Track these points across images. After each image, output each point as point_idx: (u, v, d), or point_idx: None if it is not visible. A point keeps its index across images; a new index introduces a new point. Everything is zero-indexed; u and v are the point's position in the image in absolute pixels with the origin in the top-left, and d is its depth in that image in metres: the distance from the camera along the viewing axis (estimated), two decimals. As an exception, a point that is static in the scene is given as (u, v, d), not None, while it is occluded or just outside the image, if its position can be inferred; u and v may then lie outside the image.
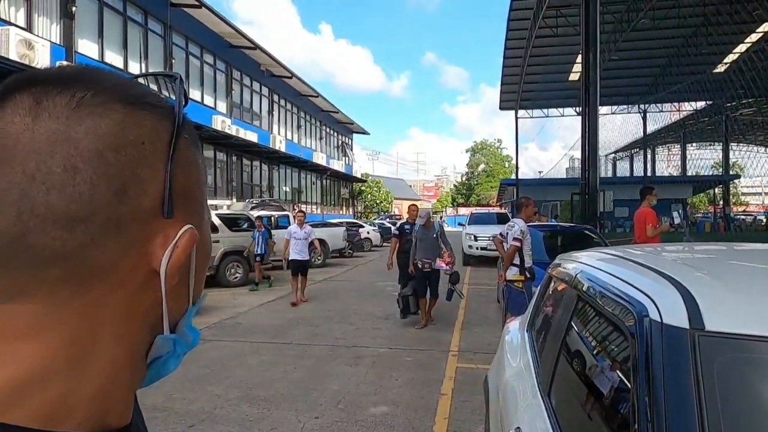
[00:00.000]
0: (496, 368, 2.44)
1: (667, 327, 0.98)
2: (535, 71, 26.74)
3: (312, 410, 4.06)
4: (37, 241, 0.33)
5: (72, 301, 0.35)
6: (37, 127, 0.34)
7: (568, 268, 1.95)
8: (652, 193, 7.26)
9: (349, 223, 21.63)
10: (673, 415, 0.85)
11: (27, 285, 0.34)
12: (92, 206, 0.34)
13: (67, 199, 0.33)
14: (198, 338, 0.47)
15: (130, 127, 0.36)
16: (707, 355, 0.90)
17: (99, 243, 0.35)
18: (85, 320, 0.36)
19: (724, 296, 1.06)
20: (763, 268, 1.36)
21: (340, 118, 36.78)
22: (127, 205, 0.36)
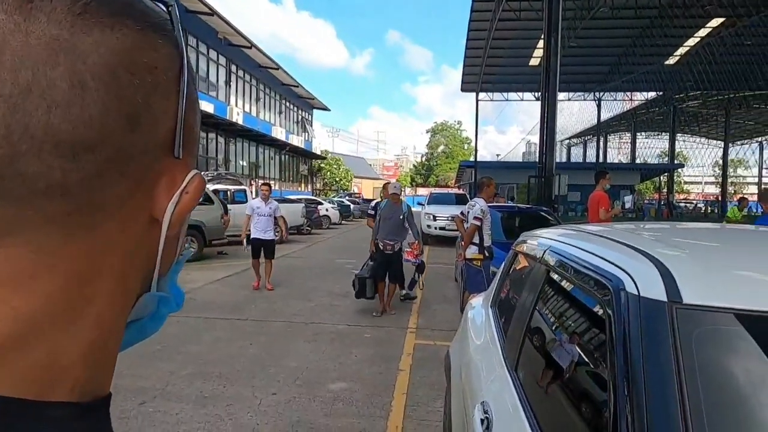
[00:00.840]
0: (459, 344, 2.45)
1: (645, 300, 0.98)
2: (498, 54, 26.94)
3: (269, 386, 4.00)
4: (29, 168, 0.27)
5: (66, 245, 0.29)
6: (32, 29, 0.27)
7: (534, 245, 1.96)
8: (605, 177, 7.49)
9: (308, 200, 21.38)
10: (653, 386, 0.85)
11: (13, 223, 0.28)
12: (103, 132, 0.28)
13: (73, 122, 0.27)
14: (183, 299, 0.42)
15: (144, 49, 0.31)
16: (685, 327, 0.89)
17: (105, 177, 0.29)
18: (80, 269, 0.30)
19: (698, 270, 1.07)
20: (727, 243, 1.39)
21: (300, 93, 36.02)
22: (139, 136, 0.30)
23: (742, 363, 0.86)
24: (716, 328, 0.91)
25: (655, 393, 0.84)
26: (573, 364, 1.21)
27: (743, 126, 41.50)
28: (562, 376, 1.23)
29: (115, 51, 0.29)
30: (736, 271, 1.09)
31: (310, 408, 3.67)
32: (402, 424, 3.45)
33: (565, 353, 1.26)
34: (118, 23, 0.29)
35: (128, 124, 0.29)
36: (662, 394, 0.83)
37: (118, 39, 0.29)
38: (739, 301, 0.93)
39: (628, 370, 0.90)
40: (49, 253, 0.29)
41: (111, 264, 0.32)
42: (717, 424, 0.78)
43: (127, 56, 0.29)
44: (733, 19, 21.40)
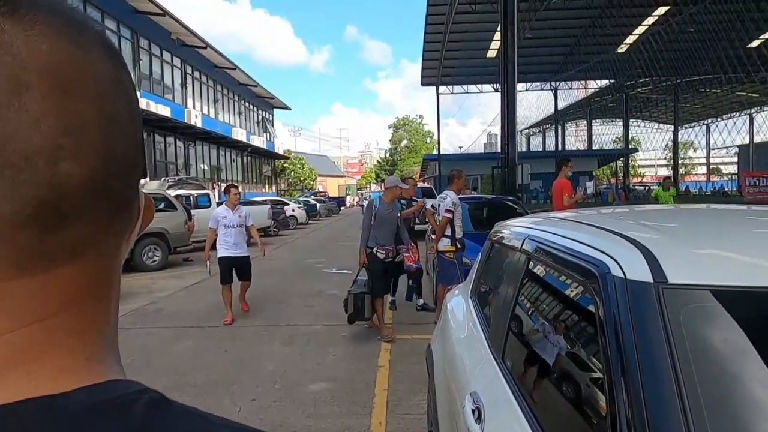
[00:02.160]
0: (440, 337, 2.46)
1: (631, 282, 1.00)
2: (456, 47, 27.22)
3: (248, 393, 3.93)
4: (115, 186, 0.31)
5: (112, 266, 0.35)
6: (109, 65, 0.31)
7: (511, 234, 1.98)
8: (568, 165, 7.68)
9: (274, 201, 21.10)
10: (647, 365, 0.87)
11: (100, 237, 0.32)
12: (138, 152, 0.33)
13: (132, 143, 0.32)
14: None
15: (125, 76, 0.34)
16: (673, 307, 0.92)
17: (137, 193, 0.35)
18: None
19: (679, 251, 1.10)
20: (702, 222, 1.44)
21: (259, 92, 35.44)
22: (141, 156, 0.35)
23: (730, 337, 0.89)
24: (703, 306, 0.94)
25: (649, 372, 0.86)
26: (560, 349, 1.24)
27: (691, 109, 43.36)
28: (550, 361, 1.25)
29: (126, 81, 0.33)
30: (716, 249, 1.13)
31: (291, 411, 3.62)
32: (386, 419, 3.45)
33: (552, 339, 1.28)
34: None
35: (139, 145, 0.34)
36: (657, 373, 0.85)
37: (127, 76, 0.33)
38: (723, 278, 0.97)
39: (621, 351, 0.92)
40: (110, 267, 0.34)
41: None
42: (712, 398, 0.80)
43: (115, 71, 0.32)
44: (678, 7, 22.28)
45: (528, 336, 1.47)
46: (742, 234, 1.29)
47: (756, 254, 1.10)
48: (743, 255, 1.08)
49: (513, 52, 14.03)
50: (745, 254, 1.10)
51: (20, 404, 0.27)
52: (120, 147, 0.31)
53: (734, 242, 1.18)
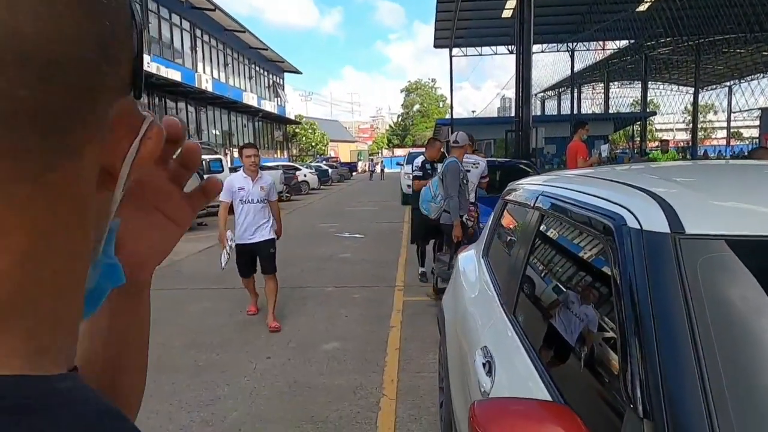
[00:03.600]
0: (453, 296, 2.48)
1: (648, 233, 0.98)
2: (469, 8, 26.37)
3: (263, 351, 4.03)
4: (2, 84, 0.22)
5: (22, 189, 0.24)
6: None
7: (525, 192, 1.96)
8: (584, 128, 7.52)
9: (285, 167, 21.11)
10: (662, 319, 0.86)
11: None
12: (72, 50, 0.24)
13: (40, 31, 0.22)
14: (119, 273, 0.35)
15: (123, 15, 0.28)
16: (689, 257, 0.90)
17: (74, 105, 0.25)
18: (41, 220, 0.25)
19: (698, 202, 1.07)
20: (721, 176, 1.40)
21: (270, 56, 34.94)
22: (106, 63, 0.26)
23: (747, 288, 0.88)
24: (720, 255, 0.92)
25: (664, 325, 0.85)
26: (573, 304, 1.23)
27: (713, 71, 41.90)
28: (562, 313, 1.25)
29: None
30: (734, 200, 1.10)
31: (305, 369, 3.72)
32: (397, 377, 3.53)
33: (565, 295, 1.28)
34: None
35: (98, 46, 0.25)
36: (672, 326, 0.84)
37: None
38: (741, 228, 0.95)
39: (635, 304, 0.91)
40: (11, 199, 0.24)
41: (72, 218, 0.27)
42: (727, 347, 0.79)
43: None
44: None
45: (540, 292, 1.47)
46: (761, 186, 1.26)
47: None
48: (762, 206, 1.05)
49: (529, 11, 13.58)
50: (764, 205, 1.07)
51: None
52: (8, 22, 0.21)
53: (753, 194, 1.15)
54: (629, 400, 0.82)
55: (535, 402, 0.90)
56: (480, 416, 0.84)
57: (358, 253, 8.24)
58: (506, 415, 0.84)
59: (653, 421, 0.76)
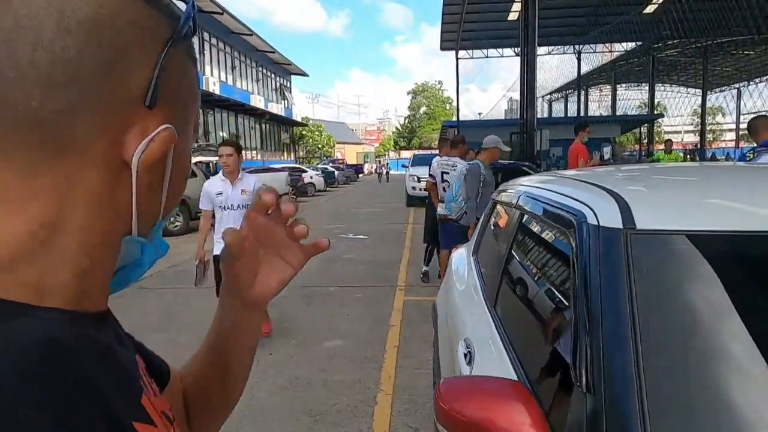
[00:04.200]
0: (444, 293, 2.57)
1: (603, 229, 1.07)
2: (475, 10, 26.44)
3: (265, 348, 4.13)
4: (13, 96, 0.32)
5: (45, 172, 0.33)
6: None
7: (510, 192, 2.05)
8: (585, 130, 7.59)
9: (292, 168, 21.28)
10: (608, 306, 0.95)
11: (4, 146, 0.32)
12: (77, 71, 0.33)
13: (53, 59, 0.32)
14: (166, 249, 0.46)
15: (133, 10, 0.36)
16: (638, 250, 0.99)
17: (76, 112, 0.33)
18: (56, 195, 0.34)
19: (652, 199, 1.16)
20: (684, 178, 1.49)
21: (277, 59, 35.20)
22: (111, 80, 0.34)
23: (689, 279, 0.97)
24: (666, 248, 1.01)
25: (609, 311, 0.94)
26: (543, 295, 1.32)
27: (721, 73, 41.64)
28: (533, 305, 1.34)
29: (104, 6, 0.34)
30: (687, 198, 1.19)
31: (306, 365, 3.82)
32: (395, 373, 3.62)
33: (537, 286, 1.37)
34: None
35: (103, 68, 0.34)
36: (615, 312, 0.93)
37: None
38: (687, 224, 1.04)
39: (588, 292, 1.00)
40: (27, 177, 0.33)
41: (86, 195, 0.35)
42: (662, 333, 0.89)
43: (115, 11, 0.34)
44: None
45: (516, 284, 1.56)
46: (718, 185, 1.34)
47: (730, 201, 1.16)
48: (717, 202, 1.14)
49: (534, 14, 13.65)
50: (719, 201, 1.16)
51: None
52: (28, 57, 0.31)
53: (708, 192, 1.24)
54: (577, 379, 0.91)
55: (493, 379, 0.99)
56: (444, 393, 0.93)
57: (362, 254, 8.35)
58: (467, 391, 0.93)
59: (594, 395, 0.86)
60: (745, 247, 1.01)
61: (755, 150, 3.90)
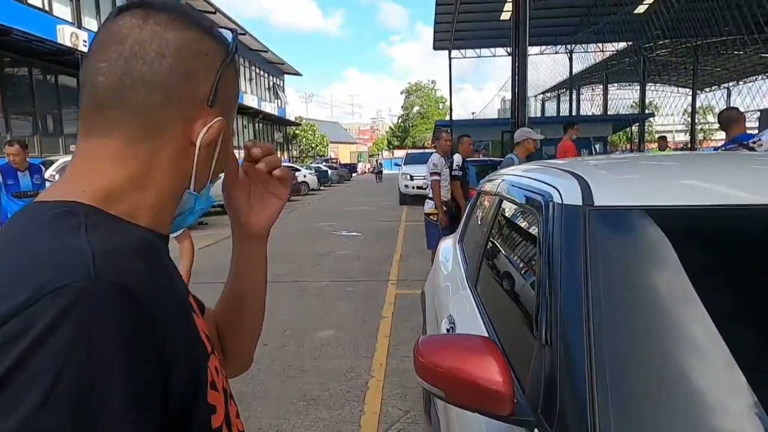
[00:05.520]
0: (431, 279, 2.70)
1: (566, 206, 1.20)
2: (468, 10, 26.60)
3: (260, 338, 4.23)
4: (129, 95, 0.52)
5: (143, 142, 0.53)
6: (145, 26, 0.53)
7: (493, 181, 2.18)
8: (574, 128, 7.74)
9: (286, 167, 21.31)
10: (566, 273, 1.07)
11: (118, 125, 0.53)
12: (167, 81, 0.53)
13: (153, 72, 0.52)
14: (212, 203, 0.65)
15: (202, 42, 0.56)
16: (595, 225, 1.12)
17: (165, 106, 0.53)
18: (149, 158, 0.54)
19: (612, 179, 1.29)
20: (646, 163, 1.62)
21: (270, 58, 35.20)
22: (187, 88, 0.54)
23: (641, 249, 1.09)
24: (619, 222, 1.13)
25: (566, 277, 1.06)
26: (517, 268, 1.45)
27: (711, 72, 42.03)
28: (507, 278, 1.46)
29: (185, 40, 0.54)
30: (642, 178, 1.32)
31: (300, 353, 3.93)
32: (386, 361, 3.74)
33: (511, 261, 1.49)
34: (191, 27, 0.56)
35: (182, 79, 0.54)
36: (571, 278, 1.05)
37: (188, 35, 0.55)
38: (638, 200, 1.16)
39: (550, 260, 1.13)
40: (133, 145, 0.53)
41: (166, 160, 0.55)
42: (612, 293, 1.01)
43: (190, 44, 0.55)
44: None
45: (493, 262, 1.68)
46: (680, 167, 1.47)
47: (682, 180, 1.29)
48: (670, 181, 1.27)
49: (525, 14, 13.76)
50: (672, 180, 1.29)
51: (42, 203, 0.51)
52: (138, 70, 0.52)
53: (667, 172, 1.37)
54: (537, 334, 1.03)
55: (466, 336, 1.11)
56: (422, 348, 1.05)
57: (355, 250, 8.46)
58: (443, 346, 1.05)
59: (551, 347, 0.98)
60: (690, 219, 1.13)
61: (727, 147, 4.04)
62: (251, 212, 0.74)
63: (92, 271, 0.42)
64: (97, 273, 0.42)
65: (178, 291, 0.54)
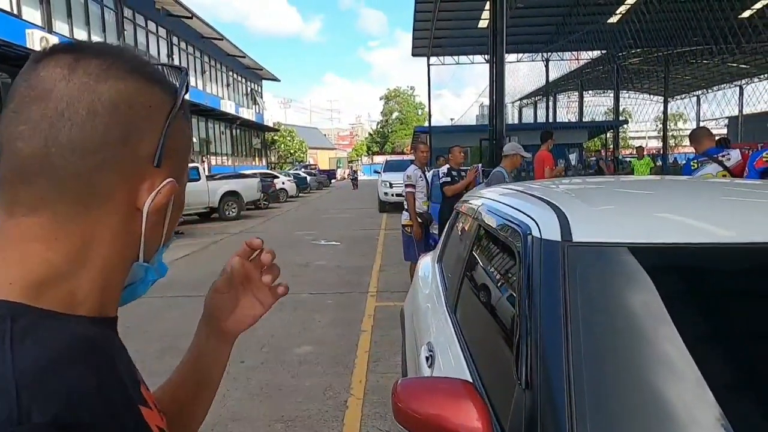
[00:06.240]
0: (411, 299, 2.67)
1: (545, 241, 1.18)
2: (447, 17, 26.85)
3: (236, 355, 4.15)
4: (58, 163, 0.43)
5: (78, 217, 0.45)
6: (73, 78, 0.44)
7: (472, 204, 2.16)
8: (551, 138, 7.86)
9: (264, 174, 21.13)
10: (546, 313, 1.05)
11: (46, 199, 0.44)
12: (102, 143, 0.44)
13: (84, 135, 0.44)
14: (166, 271, 0.58)
15: (143, 93, 0.47)
16: (573, 261, 1.10)
17: (102, 173, 0.45)
18: (87, 234, 0.46)
19: (589, 214, 1.28)
20: (629, 192, 1.63)
21: (248, 64, 34.91)
22: (128, 148, 0.46)
23: (619, 286, 1.08)
24: (599, 260, 1.12)
25: (546, 317, 1.04)
26: (497, 301, 1.43)
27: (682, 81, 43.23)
28: (488, 311, 1.45)
29: (122, 92, 0.46)
30: (620, 213, 1.31)
31: (277, 371, 3.86)
32: (365, 377, 3.70)
33: (491, 292, 1.48)
34: (129, 76, 0.47)
35: (120, 139, 0.45)
36: (551, 318, 1.03)
37: (125, 86, 0.46)
38: (620, 237, 1.16)
39: (530, 297, 1.11)
40: (67, 221, 0.45)
41: (109, 233, 0.47)
42: (593, 334, 1.00)
43: (129, 97, 0.46)
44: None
45: (473, 291, 1.66)
46: (658, 199, 1.48)
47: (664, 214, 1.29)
48: (649, 217, 1.27)
49: (502, 22, 13.94)
50: (651, 216, 1.29)
51: None
52: (67, 134, 0.43)
53: (648, 204, 1.37)
54: (518, 377, 1.01)
55: (446, 379, 1.09)
56: (400, 392, 1.02)
57: (334, 260, 8.40)
58: (421, 391, 1.02)
59: (532, 391, 0.96)
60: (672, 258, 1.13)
61: (698, 160, 4.16)
62: (232, 315, 0.68)
63: (15, 413, 0.35)
64: (23, 413, 0.35)
65: (129, 398, 0.46)
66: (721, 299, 1.09)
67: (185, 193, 0.58)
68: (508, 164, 5.45)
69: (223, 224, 14.15)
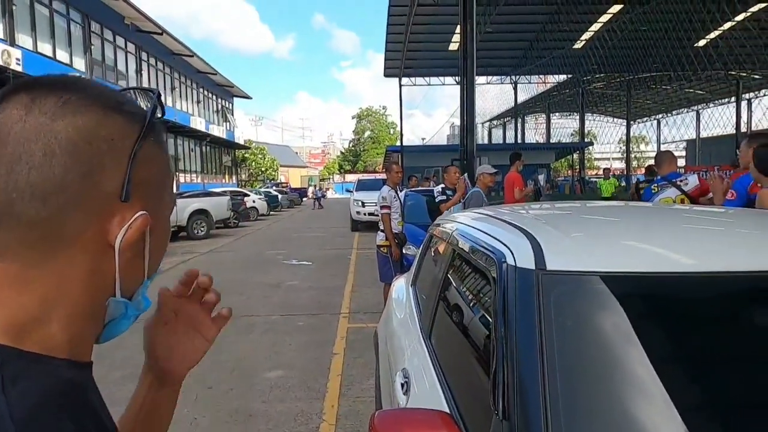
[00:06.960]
0: (385, 322, 2.65)
1: (520, 269, 1.20)
2: (418, 39, 27.37)
3: (204, 380, 4.02)
4: (19, 209, 0.42)
5: (45, 262, 0.43)
6: (29, 119, 0.42)
7: (446, 228, 2.18)
8: (520, 159, 8.03)
9: (234, 192, 20.84)
10: (521, 343, 1.06)
11: (9, 246, 0.43)
12: (63, 184, 0.42)
13: (43, 177, 0.42)
14: (148, 305, 0.55)
15: (103, 125, 0.45)
16: (547, 289, 1.12)
17: (66, 214, 0.43)
18: (58, 277, 0.44)
19: (562, 242, 1.31)
20: (597, 219, 1.67)
21: (219, 81, 34.68)
22: (91, 186, 0.44)
23: (593, 314, 1.10)
24: (572, 288, 1.14)
25: (522, 347, 1.05)
26: (472, 328, 1.43)
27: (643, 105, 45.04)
28: (463, 338, 1.45)
29: (79, 128, 0.43)
30: (591, 241, 1.34)
31: (247, 397, 3.76)
32: (338, 402, 3.64)
33: (466, 319, 1.48)
34: (88, 109, 0.44)
35: (82, 179, 0.43)
36: (527, 348, 1.04)
37: (83, 121, 0.43)
38: (592, 266, 1.18)
39: (505, 326, 1.12)
40: (35, 266, 0.43)
41: (82, 273, 0.45)
42: (567, 358, 1.01)
43: (87, 132, 0.44)
44: (631, 6, 23.12)
45: (448, 318, 1.67)
46: (630, 227, 1.52)
47: (633, 242, 1.32)
48: (617, 245, 1.30)
49: (472, 46, 14.29)
50: (619, 244, 1.32)
51: None
52: (25, 178, 0.41)
53: (618, 232, 1.40)
54: (495, 408, 1.01)
55: (422, 411, 1.08)
56: (378, 425, 1.00)
57: (305, 281, 8.30)
58: (398, 423, 1.01)
59: (509, 422, 0.96)
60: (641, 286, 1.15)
61: (659, 184, 4.33)
62: (172, 354, 0.64)
63: None
64: None
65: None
66: (687, 325, 1.12)
67: (169, 220, 0.55)
68: (481, 185, 5.77)
69: (192, 243, 13.84)
